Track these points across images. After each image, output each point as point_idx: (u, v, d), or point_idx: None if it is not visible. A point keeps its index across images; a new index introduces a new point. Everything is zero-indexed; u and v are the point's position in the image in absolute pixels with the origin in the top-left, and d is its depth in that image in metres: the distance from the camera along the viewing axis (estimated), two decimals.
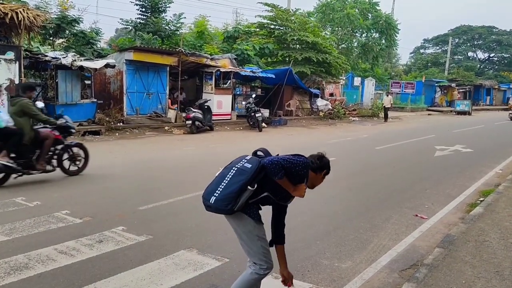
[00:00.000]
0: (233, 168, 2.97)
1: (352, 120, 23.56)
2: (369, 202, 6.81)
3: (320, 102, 23.50)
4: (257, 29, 25.50)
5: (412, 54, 68.16)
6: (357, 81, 30.06)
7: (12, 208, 5.56)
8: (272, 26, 25.27)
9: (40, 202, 5.83)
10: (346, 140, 14.92)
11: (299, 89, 22.76)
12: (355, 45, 38.52)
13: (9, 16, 10.74)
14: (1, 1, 11.77)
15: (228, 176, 2.94)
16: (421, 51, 67.02)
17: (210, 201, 2.91)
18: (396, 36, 38.55)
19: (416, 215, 6.09)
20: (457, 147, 13.32)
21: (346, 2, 36.95)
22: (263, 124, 17.24)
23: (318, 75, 24.83)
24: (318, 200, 6.73)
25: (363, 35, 38.86)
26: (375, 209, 6.41)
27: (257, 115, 16.66)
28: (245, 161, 2.98)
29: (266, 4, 24.73)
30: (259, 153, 3.11)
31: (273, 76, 19.93)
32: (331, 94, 26.34)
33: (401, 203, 6.77)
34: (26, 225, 4.92)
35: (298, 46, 25.33)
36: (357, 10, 36.22)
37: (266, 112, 19.14)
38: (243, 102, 18.81)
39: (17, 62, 11.52)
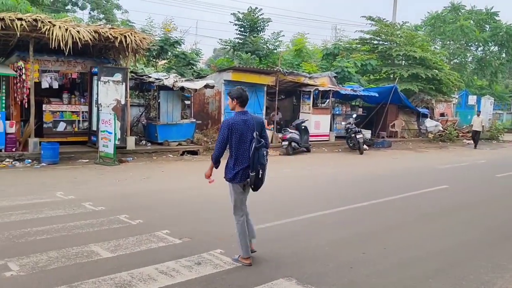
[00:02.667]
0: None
1: (466, 143, 21.49)
2: (491, 238, 5.97)
3: (429, 123, 21.96)
4: (359, 45, 24.75)
5: None
6: (472, 99, 27.55)
7: (116, 225, 5.85)
8: (376, 42, 24.30)
9: (142, 221, 6.05)
10: (460, 165, 13.52)
11: (405, 108, 21.49)
12: (469, 59, 35.42)
13: (118, 40, 11.47)
14: (111, 26, 12.72)
15: None
16: None
17: None
18: None
19: None
20: None
21: (459, 13, 34.22)
22: (365, 146, 16.36)
23: (427, 93, 23.22)
24: (431, 233, 6.03)
25: (479, 49, 35.54)
26: (499, 246, 5.61)
27: (357, 136, 15.79)
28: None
29: (370, 18, 23.90)
30: None
31: (376, 95, 18.97)
32: (442, 114, 24.62)
33: None
34: (129, 242, 5.12)
35: (404, 62, 24.01)
36: (472, 22, 33.28)
37: (367, 133, 18.20)
38: (343, 123, 18.20)
39: (124, 83, 11.91)
